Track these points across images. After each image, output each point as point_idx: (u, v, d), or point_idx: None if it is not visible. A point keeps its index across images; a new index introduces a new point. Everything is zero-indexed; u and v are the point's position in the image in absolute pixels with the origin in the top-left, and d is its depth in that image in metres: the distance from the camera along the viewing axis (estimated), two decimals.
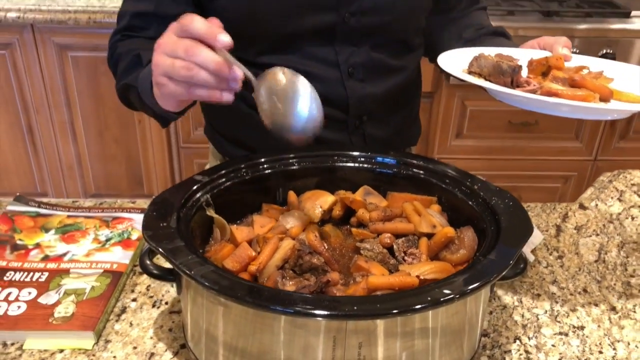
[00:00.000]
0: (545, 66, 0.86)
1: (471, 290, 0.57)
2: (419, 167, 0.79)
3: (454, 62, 0.88)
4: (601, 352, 0.76)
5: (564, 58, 0.89)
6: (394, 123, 1.10)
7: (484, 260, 0.61)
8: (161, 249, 0.61)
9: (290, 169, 0.79)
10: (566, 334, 0.79)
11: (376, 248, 0.69)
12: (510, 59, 0.86)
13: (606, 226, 1.02)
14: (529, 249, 0.93)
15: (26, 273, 0.85)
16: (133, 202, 1.04)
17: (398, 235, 0.71)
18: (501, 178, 2.28)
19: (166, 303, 0.83)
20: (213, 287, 0.57)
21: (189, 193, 0.72)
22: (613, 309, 0.84)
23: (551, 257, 0.94)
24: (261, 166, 0.78)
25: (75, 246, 0.91)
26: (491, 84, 0.81)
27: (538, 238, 0.95)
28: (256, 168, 0.77)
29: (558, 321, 0.81)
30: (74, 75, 2.19)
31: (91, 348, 0.74)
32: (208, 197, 0.73)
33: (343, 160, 0.80)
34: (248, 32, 0.93)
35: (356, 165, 0.80)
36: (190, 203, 0.71)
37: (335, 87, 0.98)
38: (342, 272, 0.68)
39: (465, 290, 0.57)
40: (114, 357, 0.73)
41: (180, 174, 2.43)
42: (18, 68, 2.17)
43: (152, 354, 0.73)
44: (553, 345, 0.77)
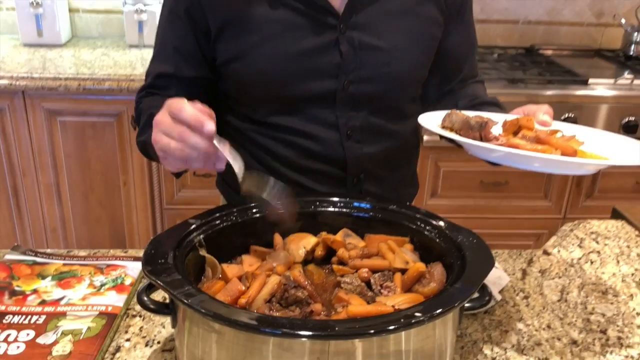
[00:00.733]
0: (516, 126, 0.93)
1: (439, 313, 0.64)
2: (392, 211, 0.87)
3: (432, 120, 0.97)
4: None
5: (543, 123, 0.95)
6: (391, 181, 1.18)
7: (451, 288, 0.68)
8: (160, 282, 0.67)
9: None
10: None
11: (355, 282, 0.76)
12: (480, 117, 0.94)
13: (568, 270, 1.10)
14: (497, 290, 1.00)
15: (24, 316, 0.90)
16: (125, 252, 1.10)
17: (375, 270, 0.78)
18: None
19: (158, 342, 0.87)
20: (209, 313, 0.63)
21: (184, 234, 0.78)
22: (574, 343, 0.90)
23: (518, 298, 1.01)
24: (249, 211, 0.86)
25: (71, 291, 0.96)
26: (458, 137, 0.89)
27: (505, 280, 1.02)
28: (245, 213, 0.85)
29: (525, 354, 0.87)
30: (62, 139, 2.25)
31: None
32: (201, 239, 0.80)
33: (324, 205, 0.88)
34: (257, 94, 1.05)
35: (336, 209, 0.88)
36: (184, 243, 0.78)
37: (334, 147, 1.07)
38: (325, 305, 0.75)
39: (433, 313, 0.64)
40: None
41: None
42: (7, 132, 2.23)
43: None
44: None
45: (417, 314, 0.63)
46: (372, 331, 0.61)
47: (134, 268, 1.02)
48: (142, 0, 2.51)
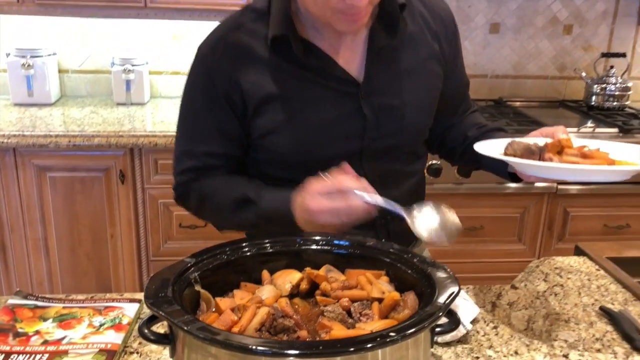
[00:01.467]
0: (558, 146, 1.07)
1: (410, 333, 0.72)
2: (369, 247, 0.96)
3: (489, 149, 1.10)
4: None
5: None
6: None
7: (421, 312, 0.77)
8: (162, 312, 0.75)
9: (264, 252, 0.95)
10: None
11: (337, 310, 0.84)
12: (535, 144, 1.07)
13: (534, 302, 1.19)
14: (469, 320, 1.08)
15: (28, 355, 0.96)
16: (121, 295, 1.17)
17: (354, 300, 0.87)
18: None
19: None
20: (207, 338, 0.70)
21: (180, 272, 0.86)
22: None
23: (487, 327, 1.10)
24: (240, 250, 0.94)
25: (72, 331, 1.02)
26: (533, 161, 1.02)
27: (475, 311, 1.11)
28: (237, 252, 0.93)
29: None
30: (51, 194, 2.31)
31: None
32: (196, 275, 0.88)
33: (307, 244, 0.97)
34: (289, 160, 1.17)
35: (318, 247, 0.97)
36: (181, 279, 0.85)
37: None
38: (310, 332, 0.83)
39: (406, 333, 0.72)
40: None
41: None
42: None
43: None
44: None
45: (392, 334, 0.71)
46: (352, 349, 0.69)
47: (131, 309, 1.09)
48: (130, 60, 2.63)
